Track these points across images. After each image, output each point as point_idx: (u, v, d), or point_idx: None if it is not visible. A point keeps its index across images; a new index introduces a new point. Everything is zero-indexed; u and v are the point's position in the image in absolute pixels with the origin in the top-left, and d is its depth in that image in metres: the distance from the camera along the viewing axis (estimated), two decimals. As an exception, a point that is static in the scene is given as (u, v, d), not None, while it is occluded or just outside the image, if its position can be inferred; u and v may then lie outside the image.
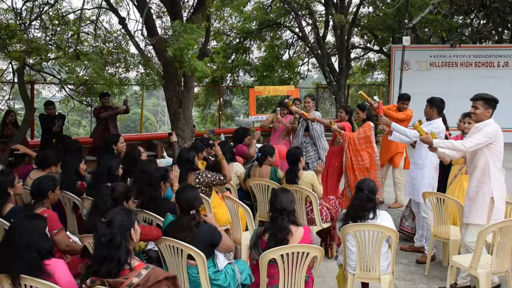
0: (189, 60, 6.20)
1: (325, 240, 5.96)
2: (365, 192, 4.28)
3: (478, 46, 17.09)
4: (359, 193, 4.33)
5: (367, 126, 6.91)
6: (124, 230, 2.92)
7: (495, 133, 4.58)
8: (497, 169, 4.64)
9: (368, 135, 6.86)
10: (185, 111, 7.78)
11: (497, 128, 4.61)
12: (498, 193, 4.64)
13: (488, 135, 4.55)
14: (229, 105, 17.52)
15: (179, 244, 3.71)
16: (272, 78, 16.61)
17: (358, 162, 6.87)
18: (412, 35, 15.95)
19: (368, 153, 6.87)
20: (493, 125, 4.60)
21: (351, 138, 6.95)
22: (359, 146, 6.89)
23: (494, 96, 4.72)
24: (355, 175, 6.84)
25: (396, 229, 4.25)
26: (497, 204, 4.62)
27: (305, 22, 16.81)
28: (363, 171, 6.86)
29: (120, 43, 7.31)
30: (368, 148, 6.88)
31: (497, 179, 4.64)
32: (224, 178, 5.44)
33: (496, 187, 4.62)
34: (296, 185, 5.64)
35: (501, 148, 4.66)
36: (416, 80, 15.55)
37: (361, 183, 4.42)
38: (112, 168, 5.09)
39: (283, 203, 3.81)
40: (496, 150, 4.62)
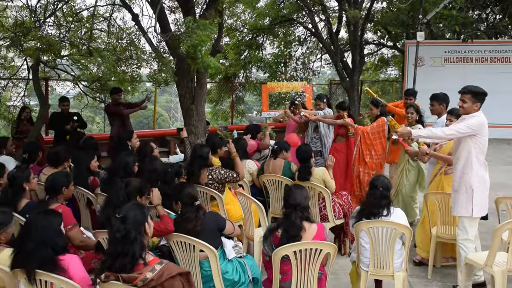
0: (202, 56, 6.19)
1: (338, 237, 5.95)
2: (379, 189, 4.25)
3: (493, 41, 16.90)
4: (373, 190, 4.29)
5: (381, 121, 6.90)
6: (138, 225, 2.94)
7: (479, 125, 4.50)
8: (479, 161, 4.58)
9: (383, 130, 6.85)
10: (198, 108, 7.78)
11: (482, 121, 4.53)
12: (478, 185, 4.59)
13: (471, 127, 4.48)
14: (242, 102, 17.53)
15: (190, 239, 3.72)
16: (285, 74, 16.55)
17: (371, 156, 6.85)
18: (426, 30, 15.80)
19: (378, 149, 6.87)
20: (478, 117, 4.53)
21: (365, 131, 6.94)
22: (374, 140, 6.87)
23: (483, 90, 4.63)
24: (367, 171, 6.81)
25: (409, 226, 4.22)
26: (476, 196, 4.57)
27: (318, 18, 16.73)
28: (377, 166, 6.84)
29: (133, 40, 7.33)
30: (382, 143, 6.90)
31: (479, 172, 4.59)
32: (237, 176, 5.44)
33: (478, 179, 4.58)
34: (309, 181, 5.63)
35: (485, 142, 4.59)
36: (430, 76, 15.43)
37: (375, 180, 4.39)
38: (129, 164, 5.12)
39: (297, 199, 3.81)
40: (480, 143, 4.55)
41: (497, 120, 13.55)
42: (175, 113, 40.13)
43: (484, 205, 4.65)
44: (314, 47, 19.52)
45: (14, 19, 8.32)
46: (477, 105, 4.57)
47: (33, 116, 8.82)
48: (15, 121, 8.56)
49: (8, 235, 3.43)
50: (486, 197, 4.68)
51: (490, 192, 4.84)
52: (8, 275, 3.10)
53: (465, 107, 4.60)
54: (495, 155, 11.03)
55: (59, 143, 8.21)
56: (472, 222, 4.65)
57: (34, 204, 4.38)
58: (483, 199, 4.64)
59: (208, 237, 3.78)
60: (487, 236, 5.15)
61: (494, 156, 10.79)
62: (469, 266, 4.56)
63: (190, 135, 7.64)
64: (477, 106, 4.57)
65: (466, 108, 4.59)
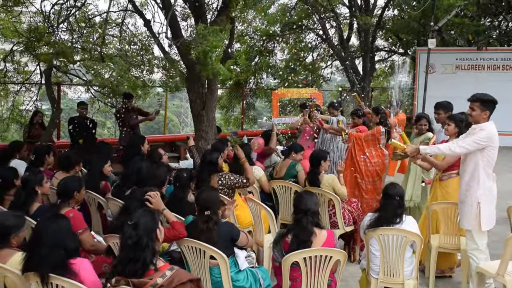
0: (212, 63, 6.22)
1: (348, 244, 5.93)
2: (395, 199, 4.22)
3: (506, 48, 16.79)
4: (389, 199, 4.25)
5: (377, 130, 6.76)
6: (149, 232, 2.98)
7: (488, 138, 4.41)
8: (486, 174, 4.51)
9: (378, 138, 6.71)
10: (208, 113, 7.81)
11: (492, 133, 4.44)
12: (485, 198, 4.51)
13: (481, 142, 4.40)
14: (252, 108, 17.55)
15: (201, 245, 3.73)
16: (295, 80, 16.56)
17: (366, 164, 6.73)
18: (438, 37, 15.75)
19: (378, 156, 6.74)
20: (487, 130, 4.44)
21: (357, 137, 6.84)
22: (366, 148, 6.74)
23: (492, 97, 4.54)
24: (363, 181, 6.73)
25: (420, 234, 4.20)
26: (483, 209, 4.50)
27: (329, 24, 16.74)
28: (372, 175, 6.72)
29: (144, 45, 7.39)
30: (377, 150, 6.74)
31: (485, 185, 4.51)
32: (247, 181, 5.44)
33: (484, 192, 4.51)
34: (319, 188, 5.62)
35: (494, 154, 4.50)
36: (441, 83, 15.37)
37: (390, 188, 4.33)
38: (141, 169, 5.12)
39: (307, 204, 3.81)
40: (489, 156, 4.47)
41: (507, 128, 13.46)
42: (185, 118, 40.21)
43: (492, 217, 4.59)
44: (324, 53, 19.52)
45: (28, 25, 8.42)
46: (486, 113, 4.49)
47: (45, 121, 8.89)
48: (27, 125, 8.64)
49: (20, 239, 3.46)
50: (493, 209, 4.62)
51: (500, 201, 4.81)
52: (20, 278, 3.13)
53: (474, 115, 4.55)
54: (504, 163, 10.93)
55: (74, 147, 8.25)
56: (481, 234, 4.58)
57: (46, 207, 4.41)
58: (491, 211, 4.58)
59: (221, 247, 3.77)
60: (499, 245, 5.09)
61: (503, 164, 10.70)
62: (481, 275, 4.51)
63: (200, 141, 7.68)
64: (486, 114, 4.50)
65: (475, 116, 4.54)
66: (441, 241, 5.16)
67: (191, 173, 4.90)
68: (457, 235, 5.08)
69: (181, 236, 3.83)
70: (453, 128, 5.35)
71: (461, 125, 5.24)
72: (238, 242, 3.97)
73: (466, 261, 4.90)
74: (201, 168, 5.57)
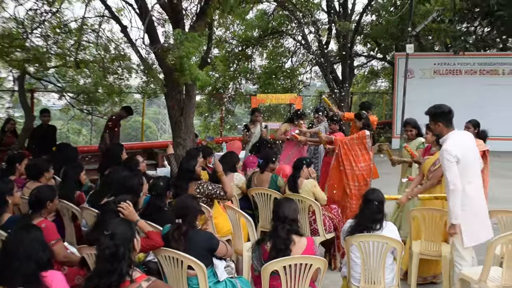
0: (189, 68, 6.18)
1: (328, 251, 5.91)
2: (374, 203, 4.21)
3: (482, 53, 17.10)
4: (368, 204, 4.24)
5: (361, 134, 6.76)
6: (127, 241, 2.93)
7: (451, 153, 4.31)
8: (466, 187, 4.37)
9: (363, 142, 6.72)
10: (186, 120, 7.76)
11: (449, 149, 4.33)
12: (464, 214, 4.36)
13: (449, 161, 4.31)
14: (232, 114, 17.53)
15: (178, 254, 3.67)
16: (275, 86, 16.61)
17: (352, 168, 6.72)
18: (416, 43, 15.96)
19: (365, 160, 6.74)
20: (445, 147, 4.38)
21: (343, 141, 6.82)
22: (352, 151, 6.72)
23: (442, 108, 4.50)
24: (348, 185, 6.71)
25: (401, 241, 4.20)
26: (463, 227, 4.38)
27: (308, 30, 16.84)
28: (358, 179, 6.70)
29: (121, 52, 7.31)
30: (363, 155, 6.75)
31: (465, 199, 4.37)
32: (224, 194, 5.36)
33: (463, 208, 4.36)
34: (298, 194, 5.60)
35: (466, 165, 4.37)
36: (420, 88, 15.57)
37: (370, 193, 4.34)
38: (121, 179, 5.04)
39: (286, 211, 3.79)
40: (461, 168, 4.34)
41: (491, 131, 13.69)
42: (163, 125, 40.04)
43: (475, 233, 4.46)
44: (304, 59, 19.63)
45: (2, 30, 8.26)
46: (439, 124, 4.47)
47: (17, 128, 8.72)
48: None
49: None
50: (477, 224, 4.47)
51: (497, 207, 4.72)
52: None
53: (433, 130, 4.57)
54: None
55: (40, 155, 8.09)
56: (465, 249, 4.49)
57: (17, 218, 4.29)
58: (473, 227, 4.44)
59: (197, 256, 3.71)
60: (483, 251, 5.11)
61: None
62: (463, 282, 4.50)
63: (178, 148, 7.62)
64: (439, 125, 4.47)
65: (434, 130, 4.56)
66: (423, 247, 5.15)
67: (168, 181, 4.83)
68: (438, 241, 5.07)
69: (157, 246, 3.77)
70: (430, 137, 5.47)
71: None
72: (216, 252, 3.92)
73: (447, 268, 4.91)
74: (178, 175, 5.52)
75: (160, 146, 12.14)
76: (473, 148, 4.60)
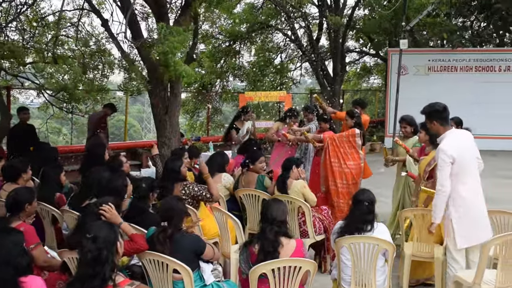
0: (174, 64, 6.19)
1: (318, 253, 5.96)
2: (365, 204, 4.27)
3: (478, 49, 17.22)
4: (358, 204, 4.30)
5: (351, 132, 6.82)
6: (110, 245, 2.95)
7: (447, 153, 4.42)
8: (458, 189, 4.49)
9: (352, 140, 6.77)
10: (171, 118, 7.77)
11: (445, 149, 4.44)
12: (458, 215, 4.50)
13: (443, 161, 4.42)
14: (219, 112, 17.52)
15: (164, 258, 3.70)
16: (263, 83, 16.65)
17: (340, 165, 6.76)
18: (410, 38, 16.05)
19: (354, 158, 6.78)
20: (441, 147, 4.47)
21: (332, 138, 6.86)
22: (341, 148, 6.77)
23: (436, 106, 4.61)
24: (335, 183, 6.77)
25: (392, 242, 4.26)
26: (456, 227, 4.49)
27: (298, 24, 16.89)
28: (346, 177, 6.75)
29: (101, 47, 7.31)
30: (352, 153, 6.79)
31: (456, 201, 4.50)
32: (210, 197, 5.38)
33: (455, 209, 4.51)
34: (287, 195, 5.64)
35: (462, 166, 4.47)
36: (414, 85, 15.63)
37: (360, 194, 4.41)
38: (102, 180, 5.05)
39: (274, 213, 3.84)
40: (456, 169, 4.45)
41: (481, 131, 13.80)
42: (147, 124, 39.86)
43: (470, 234, 4.53)
44: (293, 55, 19.69)
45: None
46: (435, 123, 4.56)
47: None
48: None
49: None
50: (472, 226, 4.55)
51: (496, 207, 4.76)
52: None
53: (432, 129, 4.64)
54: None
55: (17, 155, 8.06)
56: (458, 251, 4.58)
57: (-6, 222, 4.29)
58: (469, 229, 4.52)
59: (183, 260, 3.74)
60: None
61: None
62: (458, 284, 4.57)
63: (163, 148, 7.63)
64: (435, 124, 4.56)
65: (430, 129, 4.63)
66: (415, 249, 5.19)
67: (152, 182, 4.85)
68: (430, 243, 5.10)
69: (141, 249, 3.80)
70: (423, 136, 5.54)
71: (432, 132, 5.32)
72: (203, 255, 3.95)
73: (439, 270, 4.96)
74: (163, 176, 5.54)
75: (144, 145, 12.12)
76: (471, 148, 4.67)
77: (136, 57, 7.92)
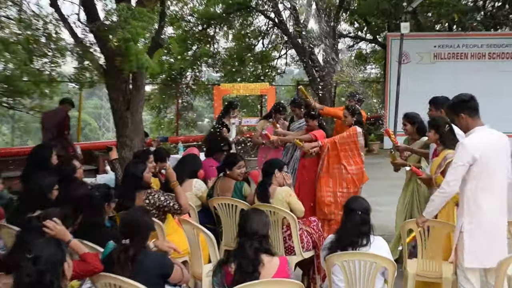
0: (136, 53, 6.14)
1: (307, 273, 5.95)
2: (358, 213, 4.26)
3: (492, 33, 17.27)
4: (351, 214, 4.30)
5: (352, 131, 6.91)
6: (55, 266, 2.91)
7: (465, 153, 4.39)
8: (474, 199, 4.44)
9: (354, 141, 6.87)
10: (134, 115, 7.72)
11: (471, 145, 4.41)
12: (471, 227, 4.45)
13: (459, 160, 4.41)
14: (191, 108, 17.49)
15: (122, 282, 3.65)
16: (242, 73, 16.65)
17: (341, 171, 6.88)
18: (412, 21, 16.12)
19: (356, 162, 6.89)
20: (464, 143, 4.46)
21: (332, 142, 6.95)
22: (343, 151, 6.89)
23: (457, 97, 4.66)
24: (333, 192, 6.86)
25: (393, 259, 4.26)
26: (468, 241, 4.45)
27: (283, 5, 16.89)
28: (346, 183, 6.84)
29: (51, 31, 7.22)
30: (354, 156, 6.90)
31: (473, 209, 4.46)
32: (179, 208, 5.36)
33: (470, 220, 4.46)
34: (270, 204, 5.61)
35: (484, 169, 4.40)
36: (417, 75, 15.67)
37: (352, 202, 4.41)
38: (45, 188, 5.00)
39: (254, 226, 3.81)
40: (473, 171, 4.41)
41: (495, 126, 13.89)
42: (106, 121, 39.64)
43: (481, 254, 4.46)
44: (277, 40, 19.70)
45: None
46: (463, 116, 4.53)
47: None
48: None
49: None
50: (486, 244, 4.45)
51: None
52: None
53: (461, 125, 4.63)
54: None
55: None
56: (468, 270, 4.54)
57: None
58: (479, 246, 4.46)
59: (146, 284, 3.69)
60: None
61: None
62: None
63: (124, 149, 7.57)
64: (463, 117, 4.54)
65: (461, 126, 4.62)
66: (420, 267, 5.18)
67: (109, 191, 4.80)
68: (438, 260, 5.09)
69: (95, 271, 3.74)
70: (433, 135, 5.45)
71: (442, 130, 5.29)
72: (170, 278, 3.92)
73: None
74: (123, 182, 5.48)
75: (101, 147, 12.04)
76: (501, 153, 4.54)
77: (92, 43, 7.84)
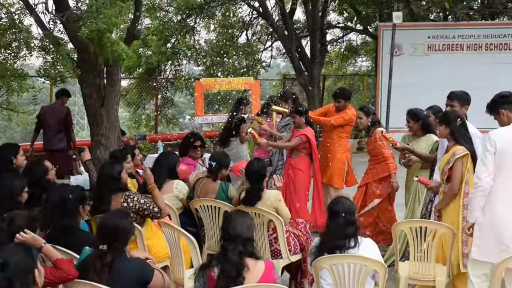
0: (110, 45, 6.12)
1: (294, 278, 5.98)
2: (341, 215, 4.30)
3: (489, 23, 17.35)
4: (334, 217, 4.35)
5: (374, 133, 7.02)
6: (24, 273, 2.92)
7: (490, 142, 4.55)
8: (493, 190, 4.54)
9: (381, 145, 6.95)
10: (109, 112, 7.70)
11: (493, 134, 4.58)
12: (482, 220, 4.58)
13: (486, 151, 4.55)
14: (170, 104, 17.44)
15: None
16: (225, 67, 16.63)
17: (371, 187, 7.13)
18: (405, 10, 16.16)
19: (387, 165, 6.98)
20: (491, 133, 4.59)
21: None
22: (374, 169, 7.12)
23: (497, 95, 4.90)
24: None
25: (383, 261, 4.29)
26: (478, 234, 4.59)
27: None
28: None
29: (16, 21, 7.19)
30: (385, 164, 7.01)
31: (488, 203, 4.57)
32: (158, 211, 5.37)
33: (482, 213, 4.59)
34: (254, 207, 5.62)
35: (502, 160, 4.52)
36: (410, 68, 15.73)
37: (334, 203, 4.45)
38: (14, 191, 4.98)
39: (237, 228, 3.83)
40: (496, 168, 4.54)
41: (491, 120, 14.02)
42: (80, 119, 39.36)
43: (490, 247, 4.57)
44: (262, 32, 19.70)
45: None
46: (504, 112, 4.77)
47: None
48: None
49: None
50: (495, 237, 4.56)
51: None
52: None
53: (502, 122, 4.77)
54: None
55: None
56: (475, 262, 4.66)
57: None
58: (489, 238, 4.57)
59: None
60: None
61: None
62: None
63: (99, 149, 7.56)
64: (504, 113, 4.77)
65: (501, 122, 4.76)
66: (412, 270, 5.21)
67: (83, 193, 4.80)
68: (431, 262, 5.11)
69: (69, 278, 3.74)
70: (443, 129, 5.43)
71: (454, 124, 5.32)
72: (150, 284, 3.93)
73: None
74: (98, 184, 5.48)
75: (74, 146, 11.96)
76: None
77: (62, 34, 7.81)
